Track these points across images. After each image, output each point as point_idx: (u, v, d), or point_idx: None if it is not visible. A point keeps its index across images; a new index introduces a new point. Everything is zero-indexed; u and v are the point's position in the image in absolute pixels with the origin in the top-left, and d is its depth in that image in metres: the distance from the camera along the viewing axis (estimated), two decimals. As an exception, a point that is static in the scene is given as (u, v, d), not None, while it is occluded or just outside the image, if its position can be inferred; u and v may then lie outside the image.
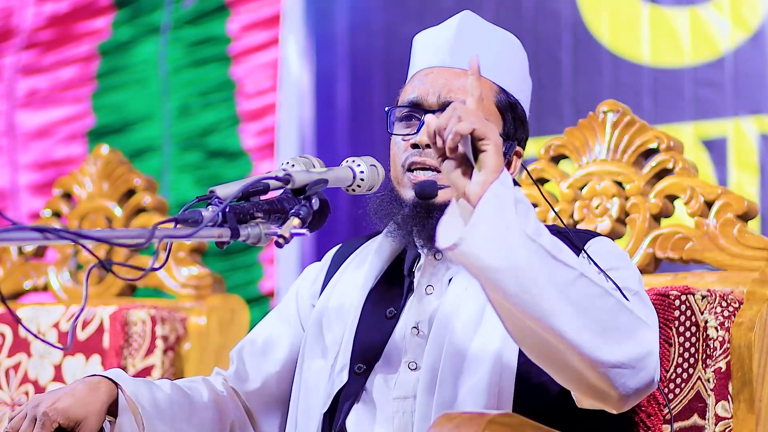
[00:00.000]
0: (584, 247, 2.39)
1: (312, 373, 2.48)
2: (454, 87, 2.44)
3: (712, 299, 2.60)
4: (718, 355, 2.59)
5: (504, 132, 2.46)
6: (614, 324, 2.11)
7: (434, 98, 2.44)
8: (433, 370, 2.35)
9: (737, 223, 2.76)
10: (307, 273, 2.67)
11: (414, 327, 2.43)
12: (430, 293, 2.45)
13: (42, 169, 5.99)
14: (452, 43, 2.47)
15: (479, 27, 2.51)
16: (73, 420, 2.34)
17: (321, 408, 2.43)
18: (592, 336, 2.08)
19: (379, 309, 2.48)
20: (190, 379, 2.60)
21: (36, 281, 3.61)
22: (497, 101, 2.46)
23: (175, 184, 5.69)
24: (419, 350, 2.41)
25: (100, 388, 2.39)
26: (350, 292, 2.51)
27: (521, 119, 2.49)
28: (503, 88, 2.47)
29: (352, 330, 2.46)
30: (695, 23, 4.56)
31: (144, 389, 2.44)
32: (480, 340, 2.35)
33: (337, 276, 2.56)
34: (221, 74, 5.64)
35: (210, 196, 2.18)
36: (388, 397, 2.40)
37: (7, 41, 6.05)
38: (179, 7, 5.74)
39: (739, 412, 2.58)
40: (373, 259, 2.51)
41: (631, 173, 2.88)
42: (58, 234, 1.99)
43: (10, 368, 3.33)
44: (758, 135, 4.46)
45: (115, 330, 3.22)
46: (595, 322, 2.08)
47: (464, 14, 2.52)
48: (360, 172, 2.37)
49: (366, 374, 2.43)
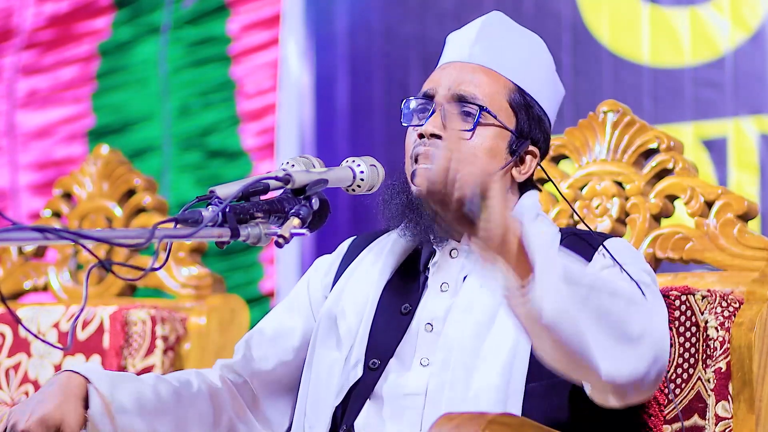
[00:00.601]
0: (603, 242, 2.40)
1: (324, 364, 2.47)
2: (466, 79, 2.46)
3: (712, 299, 2.60)
4: (718, 356, 2.59)
5: (516, 129, 2.47)
6: (627, 327, 2.12)
7: (445, 90, 2.46)
8: (444, 367, 2.35)
9: (737, 223, 2.76)
10: (319, 264, 2.66)
11: (428, 323, 2.44)
12: (445, 290, 2.46)
13: (42, 169, 5.99)
14: (473, 40, 2.50)
15: (503, 26, 2.54)
16: (52, 426, 2.33)
17: (333, 401, 2.43)
18: (614, 344, 2.10)
19: (395, 304, 2.48)
20: (180, 372, 2.57)
21: (36, 281, 3.61)
22: (510, 99, 2.47)
23: (175, 184, 5.69)
24: (432, 347, 2.41)
25: (70, 385, 2.37)
26: (365, 286, 2.51)
27: (538, 119, 2.50)
28: (520, 86, 2.48)
29: (368, 324, 2.46)
30: (695, 23, 4.56)
31: (120, 383, 2.41)
32: (493, 339, 2.35)
33: (351, 269, 2.56)
34: (221, 74, 5.64)
35: (210, 196, 2.18)
36: (398, 393, 2.40)
37: (7, 41, 6.05)
38: (179, 7, 5.74)
39: (739, 412, 2.58)
40: (388, 254, 2.52)
41: (631, 173, 2.88)
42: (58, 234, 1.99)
43: (10, 368, 3.33)
44: (758, 135, 4.46)
45: (115, 330, 3.22)
46: (613, 329, 2.10)
47: (492, 14, 2.56)
48: (360, 172, 2.37)
49: (380, 370, 2.43)
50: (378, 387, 2.42)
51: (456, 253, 2.47)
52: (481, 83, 2.46)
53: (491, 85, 2.46)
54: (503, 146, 2.46)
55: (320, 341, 2.50)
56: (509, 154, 2.46)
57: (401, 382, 2.40)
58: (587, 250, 2.41)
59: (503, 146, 2.46)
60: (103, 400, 2.38)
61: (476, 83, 2.46)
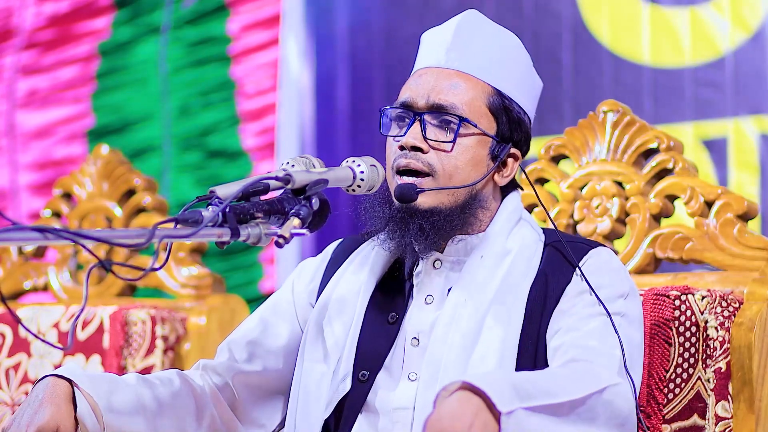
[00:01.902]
0: (579, 264, 2.41)
1: (312, 378, 2.46)
2: (444, 88, 2.44)
3: (712, 299, 2.60)
4: (718, 355, 2.59)
5: (497, 134, 2.45)
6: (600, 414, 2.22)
7: (423, 100, 2.44)
8: (431, 382, 2.35)
9: (737, 223, 2.76)
10: (304, 268, 2.63)
11: (414, 338, 2.43)
12: (429, 303, 2.45)
13: (42, 169, 5.99)
14: (449, 44, 2.47)
15: (478, 27, 2.50)
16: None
17: (322, 414, 2.42)
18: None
19: (382, 314, 2.47)
20: (162, 372, 2.55)
21: (36, 281, 3.61)
22: (489, 103, 2.45)
23: (175, 184, 5.69)
24: (419, 361, 2.41)
25: (56, 391, 2.36)
26: (352, 295, 2.50)
27: (518, 120, 2.48)
28: (498, 89, 2.46)
29: (355, 335, 2.45)
30: (695, 23, 4.56)
31: (102, 384, 2.40)
32: (479, 353, 2.36)
33: (338, 275, 2.54)
34: (221, 74, 5.64)
35: (210, 196, 2.18)
36: (388, 407, 2.40)
37: (7, 41, 6.05)
38: (179, 7, 5.74)
39: (739, 412, 2.58)
40: (374, 262, 2.50)
41: (631, 173, 2.88)
42: (58, 234, 1.99)
43: (10, 368, 3.33)
44: (758, 135, 4.46)
45: (115, 330, 3.22)
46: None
47: (466, 14, 2.52)
48: (360, 172, 2.37)
49: (370, 382, 2.42)
50: (370, 400, 2.41)
51: (439, 264, 2.47)
52: (459, 90, 2.44)
53: (469, 91, 2.44)
54: (485, 153, 2.44)
55: (308, 354, 2.49)
56: (491, 160, 2.45)
57: (390, 396, 2.40)
58: (566, 269, 2.41)
59: (485, 153, 2.44)
60: (89, 401, 2.37)
61: (454, 91, 2.43)
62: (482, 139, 2.44)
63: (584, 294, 2.38)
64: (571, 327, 2.34)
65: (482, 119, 2.44)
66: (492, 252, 2.42)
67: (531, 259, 2.43)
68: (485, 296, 2.38)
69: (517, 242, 2.44)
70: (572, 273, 2.41)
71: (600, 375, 2.24)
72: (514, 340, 2.36)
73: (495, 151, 2.45)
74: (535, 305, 2.38)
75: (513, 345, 2.35)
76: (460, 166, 2.42)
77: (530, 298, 2.39)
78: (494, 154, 2.45)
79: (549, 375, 2.24)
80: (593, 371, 2.26)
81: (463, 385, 2.08)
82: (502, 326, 2.36)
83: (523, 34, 5.16)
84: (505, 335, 2.35)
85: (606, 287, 2.38)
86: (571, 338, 2.33)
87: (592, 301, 2.36)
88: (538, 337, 2.37)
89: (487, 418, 2.05)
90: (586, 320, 2.34)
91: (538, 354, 2.36)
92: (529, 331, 2.37)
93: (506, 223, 2.46)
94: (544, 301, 2.38)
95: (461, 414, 2.05)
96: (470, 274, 2.41)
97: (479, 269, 2.41)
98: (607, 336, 2.32)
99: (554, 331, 2.36)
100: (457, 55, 2.46)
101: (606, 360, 2.30)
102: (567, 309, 2.37)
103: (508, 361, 2.34)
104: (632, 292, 2.43)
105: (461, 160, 2.42)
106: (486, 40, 2.49)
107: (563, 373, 2.26)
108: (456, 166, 2.41)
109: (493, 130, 2.45)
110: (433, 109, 2.43)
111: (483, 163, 2.44)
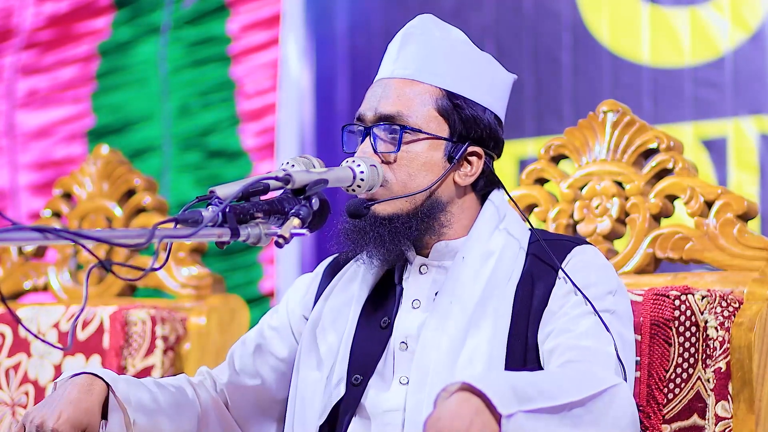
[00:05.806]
0: (562, 265, 2.41)
1: (307, 384, 2.48)
2: (389, 98, 2.45)
3: (712, 299, 2.60)
4: (718, 355, 2.59)
5: (451, 135, 2.45)
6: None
7: (371, 113, 2.45)
8: (421, 385, 2.36)
9: (737, 223, 2.76)
10: (299, 284, 2.66)
11: (402, 342, 2.44)
12: (416, 307, 2.46)
13: (42, 169, 5.99)
14: (396, 53, 2.49)
15: (425, 32, 2.50)
16: (79, 429, 2.34)
17: (317, 421, 2.44)
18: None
19: (374, 319, 2.48)
20: (173, 378, 2.59)
21: (36, 281, 3.61)
22: (438, 106, 2.44)
23: (175, 184, 5.69)
24: (408, 365, 2.42)
25: (93, 389, 2.38)
26: (344, 303, 2.51)
27: (473, 118, 2.46)
28: (447, 90, 2.45)
29: (349, 341, 2.47)
30: (695, 23, 4.56)
31: (133, 389, 2.43)
32: (465, 355, 2.36)
33: (331, 287, 2.56)
34: (221, 74, 5.65)
35: (210, 196, 2.18)
36: (379, 410, 2.41)
37: (7, 41, 6.05)
38: (179, 7, 5.74)
39: (739, 412, 2.58)
40: (366, 270, 2.51)
41: (631, 173, 2.88)
42: (58, 234, 1.99)
43: (10, 368, 3.33)
44: (758, 135, 4.46)
45: (115, 330, 3.22)
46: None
47: (416, 19, 2.52)
48: (360, 172, 2.37)
49: (363, 385, 2.43)
50: (363, 403, 2.43)
51: (426, 268, 2.47)
52: (403, 98, 2.44)
53: (415, 98, 2.44)
54: (439, 156, 2.44)
55: (303, 363, 2.51)
56: (447, 162, 2.45)
57: (381, 399, 2.42)
58: (549, 273, 2.41)
59: (439, 156, 2.44)
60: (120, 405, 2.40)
61: (399, 100, 2.43)
62: (433, 143, 2.43)
63: (572, 293, 2.38)
64: (563, 328, 2.34)
65: (431, 123, 2.44)
66: (474, 254, 2.43)
67: (515, 260, 2.43)
68: (470, 299, 2.39)
69: (500, 243, 2.44)
70: (555, 279, 2.41)
71: (599, 376, 2.24)
72: (502, 341, 2.36)
73: (451, 151, 2.45)
74: (522, 306, 2.39)
75: (501, 346, 2.36)
76: (413, 173, 2.42)
77: (516, 299, 2.39)
78: (450, 155, 2.45)
79: (548, 376, 2.25)
80: (592, 372, 2.26)
81: (462, 385, 2.09)
82: (489, 328, 2.37)
83: (522, 34, 5.17)
84: (493, 336, 2.36)
85: (594, 285, 2.38)
86: (565, 339, 2.33)
87: (580, 300, 2.37)
88: (526, 337, 2.37)
89: (486, 419, 2.06)
90: (577, 320, 2.34)
91: (528, 355, 2.36)
92: (517, 332, 2.37)
93: (488, 224, 2.46)
94: (531, 301, 2.39)
95: (461, 414, 2.05)
96: (454, 277, 2.42)
97: (463, 272, 2.41)
98: (600, 335, 2.33)
99: (546, 334, 2.36)
100: (403, 63, 2.47)
101: (602, 359, 2.30)
102: (556, 310, 2.37)
103: (496, 362, 2.35)
104: (620, 288, 2.43)
105: (413, 167, 2.42)
106: (433, 43, 2.48)
107: (562, 375, 2.26)
108: (408, 174, 2.42)
109: (446, 132, 2.45)
110: (380, 121, 2.43)
111: (438, 166, 2.44)
